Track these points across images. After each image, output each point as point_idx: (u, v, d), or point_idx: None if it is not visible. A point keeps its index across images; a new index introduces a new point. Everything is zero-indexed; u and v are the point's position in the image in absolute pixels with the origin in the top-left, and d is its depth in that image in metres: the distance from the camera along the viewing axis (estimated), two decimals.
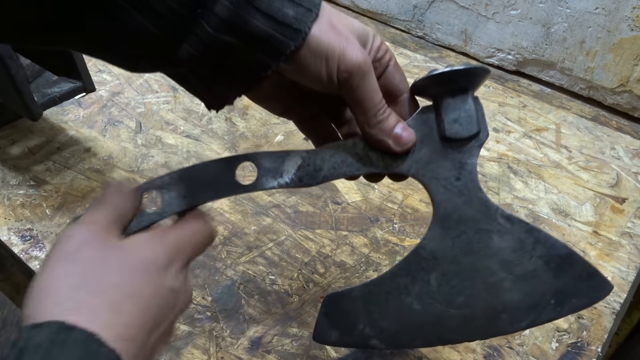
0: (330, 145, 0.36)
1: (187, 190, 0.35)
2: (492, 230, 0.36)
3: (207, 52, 0.31)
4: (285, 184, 0.36)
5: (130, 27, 0.29)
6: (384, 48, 0.36)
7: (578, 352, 0.49)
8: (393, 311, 0.37)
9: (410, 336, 0.37)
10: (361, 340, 0.37)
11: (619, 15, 0.72)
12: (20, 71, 0.54)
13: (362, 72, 0.32)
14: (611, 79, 0.77)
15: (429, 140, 0.36)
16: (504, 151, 0.70)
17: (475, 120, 0.35)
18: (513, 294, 0.36)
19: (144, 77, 0.80)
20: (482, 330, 0.37)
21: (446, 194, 0.36)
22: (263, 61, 0.32)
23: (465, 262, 0.36)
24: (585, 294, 0.37)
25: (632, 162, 0.69)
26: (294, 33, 0.30)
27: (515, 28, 0.83)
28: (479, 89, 0.37)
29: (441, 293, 0.36)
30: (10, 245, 0.56)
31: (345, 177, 0.37)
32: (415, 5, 0.93)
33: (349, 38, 0.32)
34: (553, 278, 0.36)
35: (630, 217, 0.62)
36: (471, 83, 0.35)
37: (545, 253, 0.36)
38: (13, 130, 0.70)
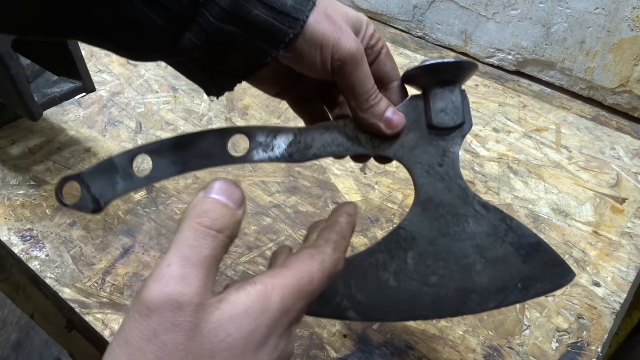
0: (322, 125, 0.38)
1: (179, 157, 0.36)
2: (469, 215, 0.38)
3: (209, 41, 0.32)
4: (276, 157, 0.37)
5: (136, 19, 0.30)
6: (376, 36, 0.37)
7: (578, 352, 0.49)
8: (370, 286, 0.38)
9: (385, 310, 0.39)
10: (338, 312, 0.39)
11: (619, 15, 0.72)
12: (20, 71, 0.54)
13: (355, 60, 0.34)
14: (611, 79, 0.77)
15: (416, 127, 0.38)
16: (504, 151, 0.70)
17: (460, 111, 0.37)
18: (484, 276, 0.38)
19: (144, 77, 0.80)
20: (452, 309, 0.39)
21: (428, 178, 0.38)
22: (263, 49, 0.33)
23: (441, 243, 0.38)
24: (550, 280, 0.39)
25: (632, 162, 0.69)
26: (292, 21, 0.32)
27: (515, 28, 0.83)
28: (481, 89, 0.38)
29: (417, 271, 0.38)
30: (10, 245, 0.56)
31: (334, 155, 0.38)
32: (415, 5, 0.93)
33: (342, 27, 0.34)
34: (522, 263, 0.38)
35: (630, 217, 0.62)
36: (459, 76, 0.37)
37: (516, 240, 0.38)
38: (13, 130, 0.70)
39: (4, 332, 1.61)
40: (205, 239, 0.28)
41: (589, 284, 0.54)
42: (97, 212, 0.37)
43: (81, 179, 0.37)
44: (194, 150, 0.37)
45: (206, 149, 0.37)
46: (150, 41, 0.32)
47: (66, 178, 0.36)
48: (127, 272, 0.54)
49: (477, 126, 0.74)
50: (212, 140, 0.37)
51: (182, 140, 0.37)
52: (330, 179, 0.65)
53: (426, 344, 0.49)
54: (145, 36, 0.31)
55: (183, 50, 0.32)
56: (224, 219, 0.29)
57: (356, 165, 0.67)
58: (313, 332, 0.49)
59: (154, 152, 0.36)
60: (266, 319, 0.28)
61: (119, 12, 0.30)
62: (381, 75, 0.38)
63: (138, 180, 0.37)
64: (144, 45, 0.32)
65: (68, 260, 0.55)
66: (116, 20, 0.31)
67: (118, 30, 0.31)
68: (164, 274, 0.26)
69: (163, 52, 0.33)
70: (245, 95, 0.77)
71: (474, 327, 0.50)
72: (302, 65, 0.34)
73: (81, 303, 0.51)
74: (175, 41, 0.32)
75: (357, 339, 0.49)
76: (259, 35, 0.32)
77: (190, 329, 0.25)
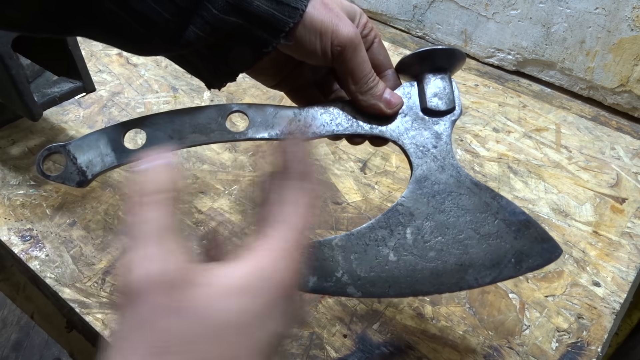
0: (321, 105, 0.39)
1: (175, 131, 0.36)
2: (462, 193, 0.40)
3: (213, 33, 0.33)
4: (276, 135, 0.38)
5: (142, 13, 0.31)
6: (369, 26, 0.39)
7: (578, 352, 0.49)
8: (370, 261, 0.39)
9: (385, 286, 0.39)
10: (338, 288, 0.39)
11: (619, 15, 0.72)
12: (20, 71, 0.54)
13: (353, 45, 0.35)
14: (611, 79, 0.77)
15: (411, 111, 0.40)
16: (504, 151, 0.70)
17: (452, 97, 0.40)
18: (479, 251, 0.39)
19: (144, 77, 0.80)
20: (450, 284, 0.40)
21: (423, 158, 0.40)
22: (264, 39, 0.34)
23: (438, 219, 0.39)
24: (540, 255, 0.40)
25: (632, 162, 0.69)
26: (292, 11, 0.33)
27: (515, 28, 0.83)
28: (481, 89, 0.38)
29: (415, 246, 0.39)
30: (10, 245, 0.56)
31: (332, 135, 0.40)
32: (415, 5, 0.93)
33: (339, 14, 0.35)
34: (513, 239, 0.40)
35: (630, 217, 0.62)
36: (450, 64, 0.40)
37: (507, 217, 0.40)
38: (13, 130, 0.70)
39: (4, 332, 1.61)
40: (150, 210, 0.25)
41: (589, 284, 0.54)
42: (82, 184, 0.36)
43: (67, 150, 0.35)
44: (192, 124, 0.37)
45: (204, 123, 0.37)
46: (156, 34, 0.32)
47: (50, 148, 0.35)
48: None
49: (477, 126, 0.74)
50: (211, 115, 0.37)
51: (179, 113, 0.37)
52: (330, 179, 0.65)
53: (426, 344, 0.49)
54: (151, 29, 0.32)
55: (188, 42, 0.33)
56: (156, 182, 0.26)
57: (356, 165, 0.67)
58: (313, 332, 0.49)
59: (149, 125, 0.36)
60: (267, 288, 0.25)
61: (125, 5, 0.31)
62: (375, 63, 0.39)
63: (130, 153, 0.35)
64: (150, 39, 0.33)
65: (68, 260, 0.55)
66: (122, 14, 0.31)
67: (124, 24, 0.32)
68: (131, 260, 0.23)
69: (168, 45, 0.33)
70: (245, 95, 0.77)
71: (474, 327, 0.50)
72: (302, 53, 0.35)
73: (81, 303, 0.51)
74: (179, 34, 0.32)
75: (357, 339, 0.49)
76: (260, 25, 0.33)
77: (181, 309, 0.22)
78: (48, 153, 0.35)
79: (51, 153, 0.35)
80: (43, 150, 0.35)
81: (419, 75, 0.40)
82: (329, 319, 0.50)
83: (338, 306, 0.52)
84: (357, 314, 0.51)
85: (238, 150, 0.69)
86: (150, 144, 0.36)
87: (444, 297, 0.52)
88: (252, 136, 0.38)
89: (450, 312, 0.51)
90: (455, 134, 0.72)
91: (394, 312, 0.51)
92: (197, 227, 0.59)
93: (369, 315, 0.51)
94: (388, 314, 0.51)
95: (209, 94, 0.78)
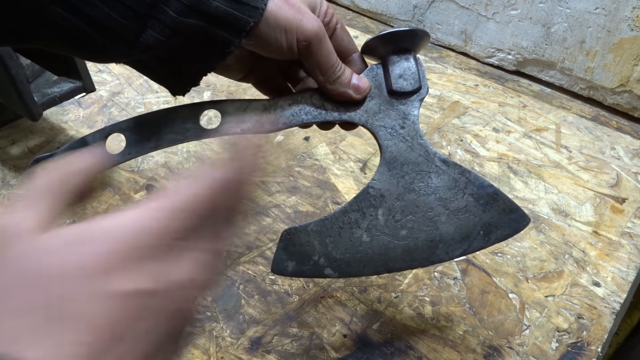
0: (290, 97, 0.40)
1: (152, 133, 0.37)
2: (431, 171, 0.41)
3: (172, 36, 0.33)
4: (248, 129, 0.39)
5: (95, 18, 0.31)
6: (330, 12, 0.39)
7: (578, 352, 0.49)
8: (345, 243, 0.41)
9: (360, 265, 0.41)
10: (316, 270, 0.41)
11: (619, 15, 0.72)
12: (20, 71, 0.54)
13: (318, 38, 0.36)
14: (611, 79, 0.77)
15: (377, 94, 0.41)
16: (504, 151, 0.70)
17: (417, 77, 0.40)
18: (449, 226, 0.41)
19: (143, 77, 0.80)
20: (422, 259, 0.41)
21: (392, 140, 0.41)
22: (225, 39, 0.34)
23: (408, 199, 0.41)
24: (508, 226, 0.42)
25: (632, 162, 0.69)
26: (252, 10, 0.33)
27: (515, 28, 0.83)
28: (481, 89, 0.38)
29: (387, 226, 0.41)
30: None
31: (302, 124, 0.40)
32: (415, 5, 0.93)
33: (302, 9, 0.35)
34: (482, 212, 0.41)
35: (630, 217, 0.62)
36: (414, 44, 0.40)
37: (475, 191, 0.41)
38: (13, 130, 0.70)
39: None
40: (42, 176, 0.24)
41: (589, 284, 0.54)
42: None
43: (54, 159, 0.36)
44: (168, 125, 0.38)
45: (179, 123, 0.38)
46: (113, 40, 0.32)
47: (38, 159, 0.36)
48: None
49: (477, 126, 0.74)
50: (185, 114, 0.38)
51: (154, 115, 0.38)
52: (330, 179, 0.65)
53: (426, 344, 0.49)
54: (107, 35, 0.32)
55: (146, 47, 0.33)
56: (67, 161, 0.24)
57: (356, 165, 0.67)
58: (313, 332, 0.49)
59: (127, 129, 0.37)
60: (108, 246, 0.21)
61: (77, 10, 0.30)
62: (340, 49, 0.40)
63: (111, 158, 0.37)
64: (106, 45, 0.32)
65: None
66: (76, 21, 0.31)
67: (79, 32, 0.31)
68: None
69: (125, 50, 0.33)
70: (245, 95, 0.77)
71: (474, 327, 0.50)
72: (267, 50, 0.36)
73: None
74: (137, 39, 0.32)
75: (357, 339, 0.49)
76: (221, 25, 0.33)
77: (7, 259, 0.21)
78: (36, 163, 0.37)
79: (39, 162, 0.36)
80: (33, 161, 0.36)
81: (384, 57, 0.40)
82: (329, 319, 0.50)
83: (338, 306, 0.52)
84: (357, 314, 0.51)
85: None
86: (130, 147, 0.37)
87: (444, 297, 0.53)
88: (225, 132, 0.39)
89: (450, 312, 0.51)
90: (455, 134, 0.72)
91: (394, 312, 0.51)
92: None
93: (369, 315, 0.51)
94: (388, 314, 0.51)
95: (209, 93, 0.78)
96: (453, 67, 0.87)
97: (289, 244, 0.41)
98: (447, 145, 0.71)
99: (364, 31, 0.96)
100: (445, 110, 0.76)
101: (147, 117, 0.37)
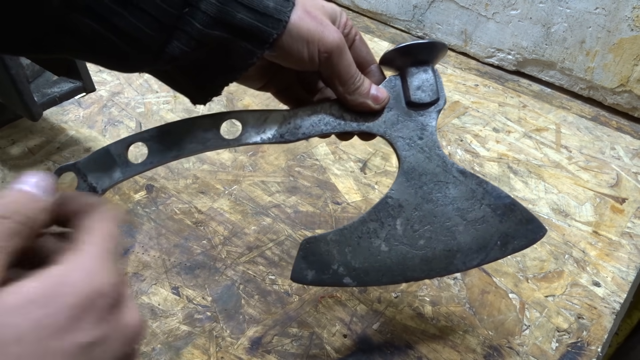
0: (309, 107, 0.40)
1: (174, 142, 0.38)
2: (449, 182, 0.41)
3: (197, 47, 0.33)
4: (268, 139, 0.39)
5: (123, 29, 0.31)
6: (349, 24, 0.39)
7: (578, 352, 0.49)
8: (364, 252, 0.41)
9: (379, 274, 0.41)
10: (335, 279, 0.41)
11: (619, 15, 0.72)
12: (20, 71, 0.54)
13: (339, 50, 0.36)
14: (611, 79, 0.77)
15: (396, 105, 0.41)
16: (504, 151, 0.70)
17: (435, 88, 0.40)
18: (466, 236, 0.41)
19: (144, 77, 0.80)
20: (440, 269, 0.42)
21: (410, 150, 0.41)
22: (249, 50, 0.34)
23: (426, 209, 0.41)
24: (525, 236, 0.42)
25: (632, 162, 0.69)
26: (275, 22, 0.34)
27: (515, 28, 0.83)
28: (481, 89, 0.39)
29: (405, 236, 0.41)
30: None
31: (322, 134, 0.41)
32: (415, 5, 0.93)
33: (323, 21, 0.36)
34: (499, 223, 0.41)
35: (630, 217, 0.62)
36: (432, 56, 0.40)
37: (493, 202, 0.41)
38: (13, 130, 0.70)
39: None
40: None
41: (589, 284, 0.54)
42: None
43: (77, 168, 0.37)
44: (189, 135, 0.38)
45: (200, 133, 0.38)
46: (138, 49, 0.32)
47: (62, 168, 0.37)
48: (127, 272, 0.54)
49: (477, 126, 0.74)
50: (205, 124, 0.39)
51: (176, 126, 0.38)
52: (330, 179, 0.65)
53: (426, 344, 0.49)
54: (134, 46, 0.32)
55: (172, 58, 0.33)
56: (16, 205, 0.25)
57: (356, 165, 0.67)
58: (313, 332, 0.49)
59: (149, 139, 0.38)
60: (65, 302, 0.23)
61: (105, 21, 0.30)
62: (359, 60, 0.40)
63: (134, 167, 0.38)
64: (133, 56, 0.33)
65: None
66: (104, 32, 0.31)
67: (104, 40, 0.31)
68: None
69: (151, 60, 0.33)
70: (245, 95, 0.77)
71: (474, 327, 0.50)
72: (289, 61, 0.36)
73: None
74: (163, 50, 0.32)
75: (357, 339, 0.49)
76: (245, 37, 0.34)
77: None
78: (60, 172, 0.38)
79: (63, 171, 0.37)
80: (56, 170, 0.37)
81: (402, 68, 0.41)
82: (329, 319, 0.50)
83: (338, 306, 0.52)
84: (357, 314, 0.51)
85: (238, 150, 0.69)
86: (152, 156, 0.38)
87: (444, 297, 0.53)
88: (245, 142, 0.39)
89: (450, 312, 0.51)
90: (455, 134, 0.72)
91: (394, 312, 0.51)
92: (197, 227, 0.59)
93: (369, 315, 0.51)
94: (388, 314, 0.51)
95: None
96: (453, 67, 0.87)
97: (308, 253, 0.41)
98: (447, 145, 0.71)
99: (364, 31, 0.96)
100: (445, 110, 0.76)
101: (169, 127, 0.38)
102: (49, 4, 0.29)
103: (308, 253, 0.41)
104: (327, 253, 0.41)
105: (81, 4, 0.30)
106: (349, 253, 0.41)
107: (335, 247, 0.41)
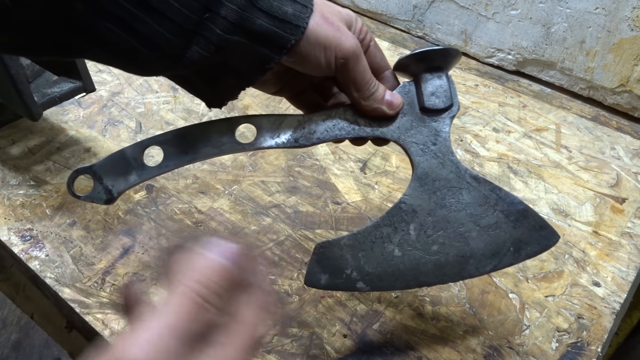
0: (323, 112, 0.41)
1: (189, 146, 0.38)
2: (462, 188, 0.41)
3: (216, 52, 0.33)
4: (282, 143, 0.40)
5: (145, 34, 0.31)
6: (364, 30, 0.40)
7: (578, 352, 0.49)
8: (377, 257, 0.41)
9: (392, 279, 0.41)
10: (349, 284, 0.41)
11: (619, 15, 0.72)
12: (20, 71, 0.54)
13: (355, 56, 0.37)
14: (611, 79, 0.77)
15: (410, 110, 0.41)
16: (504, 151, 0.70)
17: (449, 95, 0.41)
18: (479, 242, 0.41)
19: (144, 77, 0.80)
20: (453, 274, 0.42)
21: (424, 156, 0.41)
22: (266, 55, 0.35)
23: (440, 214, 0.41)
24: (538, 242, 0.42)
25: (632, 162, 0.69)
26: (294, 28, 0.34)
27: (515, 28, 0.83)
28: (481, 89, 0.39)
29: (419, 241, 0.41)
30: (10, 245, 0.56)
31: (336, 139, 0.41)
32: (415, 5, 0.93)
33: (340, 27, 0.36)
34: (512, 229, 0.41)
35: (630, 217, 0.62)
36: (446, 62, 0.41)
37: (506, 208, 0.41)
38: (13, 130, 0.70)
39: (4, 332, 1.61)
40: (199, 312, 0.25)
41: (589, 284, 0.54)
42: (110, 202, 0.39)
43: (93, 171, 0.38)
44: (204, 139, 0.39)
45: (215, 137, 0.39)
46: (159, 54, 0.33)
47: (78, 170, 0.38)
48: (127, 272, 0.54)
49: (477, 126, 0.74)
50: (221, 128, 0.39)
51: (192, 130, 0.39)
52: (330, 179, 0.65)
53: (426, 344, 0.49)
54: (153, 50, 0.32)
55: (191, 62, 0.33)
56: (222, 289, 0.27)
57: (356, 165, 0.67)
58: (313, 332, 0.49)
59: (165, 143, 0.38)
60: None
61: (127, 26, 0.31)
62: (373, 65, 0.40)
63: (150, 170, 0.38)
64: (152, 60, 0.33)
65: (68, 260, 0.55)
66: (125, 36, 0.31)
67: (126, 45, 0.32)
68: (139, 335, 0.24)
69: (170, 65, 0.34)
70: (246, 95, 0.77)
71: (474, 327, 0.50)
72: (305, 66, 0.36)
73: (81, 303, 0.51)
74: (182, 54, 0.33)
75: (357, 339, 0.49)
76: (263, 43, 0.34)
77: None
78: (76, 175, 0.38)
79: (79, 174, 0.38)
80: (72, 173, 0.38)
81: (416, 74, 0.41)
82: (329, 319, 0.50)
83: (338, 306, 0.52)
84: (357, 314, 0.51)
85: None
86: (168, 160, 0.38)
87: (444, 297, 0.52)
88: (260, 146, 0.40)
89: (450, 312, 0.51)
90: (455, 134, 0.72)
91: (394, 312, 0.51)
92: (197, 227, 0.59)
93: (369, 315, 0.51)
94: (388, 314, 0.51)
95: None
96: (453, 67, 0.87)
97: (322, 257, 0.41)
98: None
99: None
100: None
101: (184, 131, 0.38)
102: (74, 8, 0.30)
103: (322, 257, 0.41)
104: (341, 257, 0.41)
105: (105, 9, 0.30)
106: (363, 258, 0.41)
107: (349, 252, 0.41)
